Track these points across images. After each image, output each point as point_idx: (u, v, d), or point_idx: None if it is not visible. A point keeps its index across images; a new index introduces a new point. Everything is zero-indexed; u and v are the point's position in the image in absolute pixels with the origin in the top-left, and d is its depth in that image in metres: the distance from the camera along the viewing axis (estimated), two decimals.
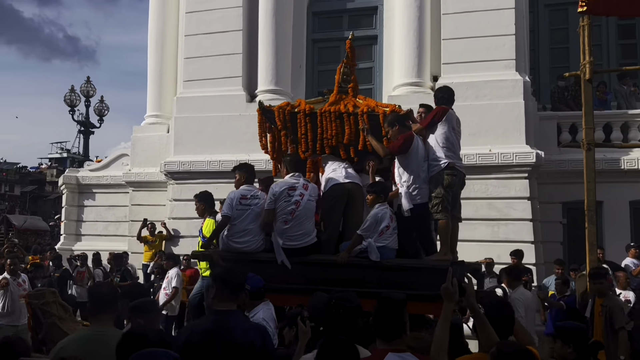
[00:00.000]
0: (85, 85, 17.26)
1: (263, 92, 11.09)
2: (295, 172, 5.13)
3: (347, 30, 11.64)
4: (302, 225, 4.82)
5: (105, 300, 3.39)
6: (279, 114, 5.68)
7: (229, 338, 2.90)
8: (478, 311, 2.76)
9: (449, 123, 4.97)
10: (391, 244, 4.75)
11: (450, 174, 4.85)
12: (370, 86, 11.42)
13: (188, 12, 11.78)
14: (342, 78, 6.00)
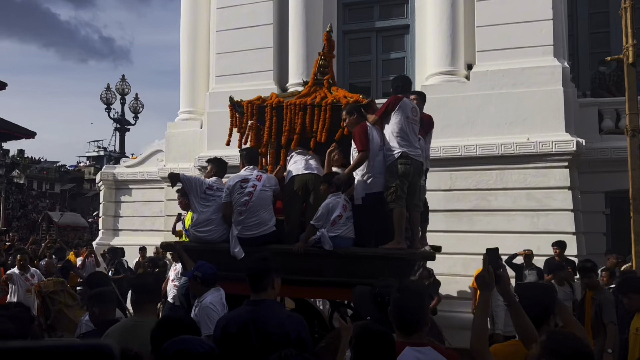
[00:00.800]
0: (121, 83, 17.60)
1: (294, 85, 11.06)
2: (250, 165, 5.27)
3: (378, 20, 11.53)
4: (257, 215, 4.93)
5: (149, 290, 3.44)
6: (247, 109, 5.77)
7: (264, 328, 2.90)
8: (513, 300, 2.64)
9: (402, 112, 4.92)
10: (345, 233, 4.79)
11: (404, 163, 4.83)
12: None
13: (219, 7, 11.83)
14: (319, 70, 6.02)
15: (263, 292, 3.12)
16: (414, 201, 5.06)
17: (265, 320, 2.93)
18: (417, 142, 5.05)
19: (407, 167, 4.85)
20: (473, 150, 9.58)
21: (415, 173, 4.97)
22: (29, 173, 58.35)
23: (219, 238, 5.14)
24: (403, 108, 4.96)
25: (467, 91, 9.95)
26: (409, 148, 4.89)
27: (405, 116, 4.95)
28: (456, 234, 9.57)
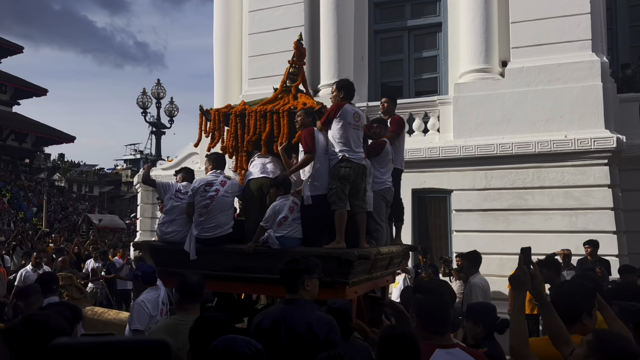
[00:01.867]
0: (156, 87, 17.97)
1: (326, 86, 11.10)
2: (217, 169, 5.51)
3: (410, 19, 11.45)
4: (215, 218, 5.20)
5: (192, 290, 3.47)
6: (214, 116, 6.05)
7: (294, 327, 2.95)
8: (545, 300, 2.58)
9: (344, 119, 5.13)
10: (291, 233, 5.02)
11: (344, 166, 5.07)
12: (435, 75, 11.16)
13: (251, 10, 11.96)
14: (289, 77, 6.25)
15: (295, 292, 3.17)
16: (357, 202, 5.24)
17: (295, 320, 2.97)
18: (359, 147, 5.27)
19: (348, 170, 5.07)
20: (509, 148, 9.42)
21: (357, 176, 5.17)
22: (69, 176, 60.19)
23: (182, 239, 5.37)
24: (344, 115, 5.16)
25: (501, 88, 9.79)
26: (349, 152, 5.12)
27: (347, 122, 5.16)
28: (492, 234, 9.43)
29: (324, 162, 5.18)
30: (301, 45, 6.29)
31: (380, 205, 5.82)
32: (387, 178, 5.90)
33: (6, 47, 46.33)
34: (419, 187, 10.09)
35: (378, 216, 5.79)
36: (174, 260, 5.29)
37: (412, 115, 10.58)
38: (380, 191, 5.80)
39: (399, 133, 6.29)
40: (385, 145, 5.86)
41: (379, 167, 5.84)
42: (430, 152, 9.91)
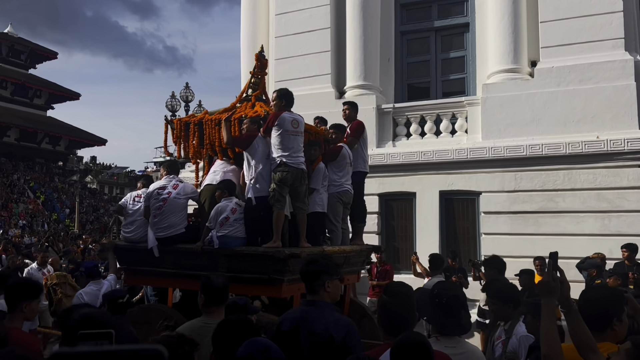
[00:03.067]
0: (185, 91, 18.22)
1: (352, 88, 11.10)
2: (170, 174, 5.86)
3: (437, 20, 11.36)
4: (168, 219, 5.54)
5: (217, 292, 3.48)
6: (177, 125, 6.41)
7: (312, 329, 2.94)
8: (572, 306, 2.51)
9: (282, 126, 5.40)
10: (233, 232, 5.30)
11: (282, 170, 5.33)
12: (463, 75, 11.04)
13: (277, 14, 12.04)
14: (251, 87, 6.57)
15: (315, 293, 3.15)
16: (297, 204, 5.51)
17: (313, 322, 2.97)
18: (298, 152, 5.52)
19: (285, 174, 5.33)
20: (538, 149, 9.25)
21: (296, 179, 5.42)
22: (100, 178, 61.50)
23: (141, 238, 5.77)
24: (282, 123, 5.42)
25: (531, 89, 9.63)
26: (287, 157, 5.38)
27: (285, 129, 5.42)
28: (521, 237, 9.27)
29: (266, 166, 5.48)
30: (263, 57, 6.65)
31: (336, 207, 6.12)
32: (345, 181, 6.17)
33: (41, 53, 47.69)
34: (447, 189, 9.99)
35: (334, 217, 6.11)
36: (134, 258, 5.73)
37: (440, 117, 10.50)
38: (337, 193, 6.11)
39: (358, 137, 6.56)
40: (341, 150, 6.15)
41: (336, 171, 6.14)
42: (458, 154, 9.81)
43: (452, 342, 2.64)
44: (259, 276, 5.04)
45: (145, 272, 5.62)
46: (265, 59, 6.71)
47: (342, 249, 6.03)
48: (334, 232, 6.14)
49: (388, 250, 10.40)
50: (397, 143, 10.63)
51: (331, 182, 6.10)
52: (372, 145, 10.58)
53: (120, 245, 5.98)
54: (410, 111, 10.71)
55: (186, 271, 5.34)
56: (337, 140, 6.33)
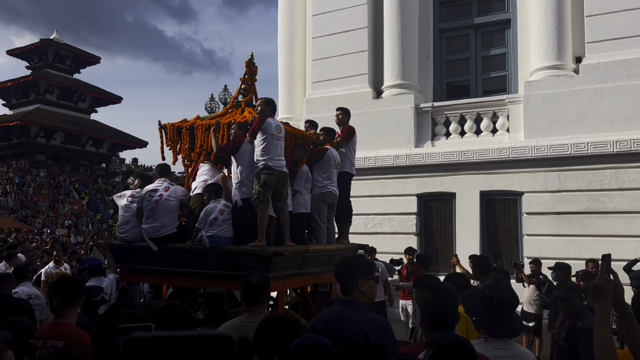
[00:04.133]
0: (223, 93, 18.49)
1: (389, 87, 11.01)
2: (162, 178, 6.09)
3: (476, 17, 11.15)
4: (159, 220, 5.78)
5: (253, 291, 3.48)
6: (170, 130, 6.63)
7: (345, 329, 2.92)
8: (627, 310, 2.38)
9: (266, 131, 5.61)
10: (221, 232, 5.52)
11: (266, 173, 5.52)
12: (504, 73, 10.80)
13: (314, 14, 12.06)
14: (241, 93, 6.80)
15: (349, 293, 3.11)
16: (279, 205, 5.72)
17: (347, 321, 2.95)
18: (281, 156, 5.72)
19: (269, 177, 5.53)
20: (584, 148, 8.95)
21: (279, 181, 5.63)
22: None
23: (135, 238, 5.97)
24: (266, 128, 5.63)
25: (576, 85, 9.33)
26: (271, 161, 5.58)
27: (270, 134, 5.64)
28: (565, 238, 8.99)
29: (251, 169, 5.71)
30: (252, 64, 6.86)
31: (320, 207, 6.35)
32: (329, 183, 6.36)
33: (84, 58, 49.26)
34: (488, 189, 9.79)
35: (319, 217, 6.34)
36: (129, 256, 6.00)
37: (480, 115, 10.29)
38: (321, 194, 6.33)
39: (347, 139, 6.83)
40: (326, 152, 6.35)
41: (321, 172, 6.36)
42: (500, 153, 9.59)
43: (501, 343, 2.56)
44: (245, 273, 5.23)
45: (139, 270, 5.88)
46: (255, 66, 6.91)
47: (327, 247, 6.22)
48: (319, 232, 6.38)
49: (427, 251, 10.27)
50: (436, 142, 10.48)
51: (315, 183, 6.34)
52: (410, 145, 10.47)
53: (116, 245, 6.24)
54: (449, 110, 10.54)
55: (178, 269, 5.60)
56: (325, 142, 6.55)
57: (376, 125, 10.82)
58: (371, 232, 10.46)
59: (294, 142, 6.37)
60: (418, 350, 2.52)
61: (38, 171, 40.03)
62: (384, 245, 9.89)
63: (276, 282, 5.23)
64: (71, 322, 3.41)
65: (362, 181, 10.76)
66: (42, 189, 36.92)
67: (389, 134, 10.66)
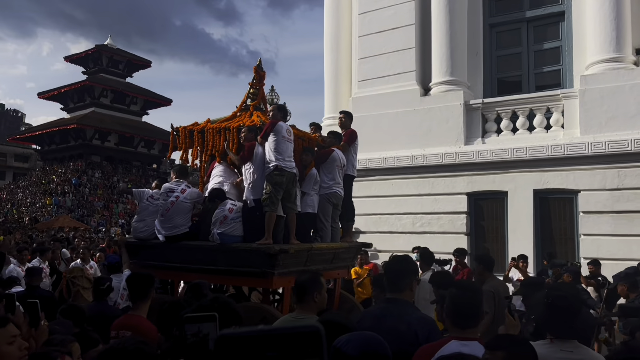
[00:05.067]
0: (270, 94, 18.62)
1: (437, 84, 10.83)
2: (179, 179, 6.38)
3: (528, 10, 10.82)
4: (173, 220, 6.08)
5: (300, 289, 3.50)
6: (181, 133, 6.95)
7: (394, 325, 2.94)
8: None
9: (278, 134, 5.84)
10: (231, 231, 5.77)
11: (277, 174, 5.74)
12: (558, 67, 10.43)
13: (361, 13, 12.00)
14: (250, 97, 7.04)
15: (400, 292, 3.12)
16: (289, 205, 5.95)
17: (397, 318, 2.98)
18: (291, 157, 5.97)
19: (280, 177, 5.74)
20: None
21: (289, 182, 5.86)
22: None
23: (149, 235, 6.30)
24: (278, 130, 5.87)
25: (636, 79, 8.90)
26: (282, 162, 5.79)
27: (282, 136, 5.87)
28: (626, 238, 8.59)
29: (263, 171, 5.94)
30: (261, 69, 7.12)
31: (326, 207, 6.62)
32: (334, 184, 6.60)
33: (136, 62, 50.91)
34: (542, 187, 9.47)
35: (324, 217, 6.62)
36: (143, 253, 6.31)
37: (533, 111, 9.97)
38: (326, 195, 6.59)
39: (350, 143, 7.04)
40: (332, 154, 6.61)
41: (327, 173, 6.61)
42: (554, 150, 9.26)
43: (569, 346, 2.45)
44: (253, 270, 5.52)
45: (152, 265, 6.13)
46: (263, 71, 7.18)
47: (331, 245, 6.52)
48: (324, 230, 6.65)
49: (478, 252, 10.04)
50: (487, 140, 10.22)
51: (321, 183, 6.60)
52: (459, 142, 10.26)
53: (131, 242, 6.59)
54: (500, 106, 10.26)
55: (189, 265, 5.86)
56: (331, 144, 6.85)
57: (424, 123, 10.67)
58: (419, 231, 10.32)
59: (301, 145, 6.68)
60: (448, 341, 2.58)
61: (93, 172, 41.65)
62: (432, 245, 9.70)
63: (282, 279, 5.55)
64: (142, 315, 3.69)
65: (410, 180, 10.65)
66: (97, 189, 38.36)
67: (437, 131, 10.48)
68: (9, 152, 55.63)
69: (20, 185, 42.31)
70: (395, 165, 10.78)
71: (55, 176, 40.67)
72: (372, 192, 10.99)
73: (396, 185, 10.83)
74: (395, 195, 10.75)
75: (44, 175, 42.55)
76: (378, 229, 10.80)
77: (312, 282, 3.60)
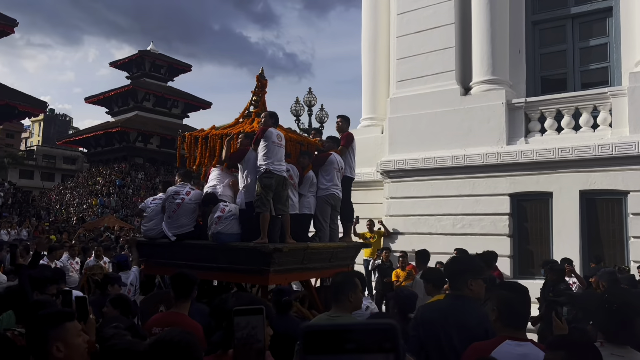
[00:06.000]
0: (308, 95, 18.71)
1: (478, 83, 10.65)
2: (183, 182, 6.82)
3: (573, 6, 10.53)
4: (179, 220, 6.50)
5: (335, 289, 3.55)
6: (188, 139, 7.39)
7: (463, 320, 2.99)
8: None
9: (268, 139, 6.15)
10: (227, 229, 6.11)
11: (267, 177, 6.05)
12: (605, 64, 10.09)
13: (399, 13, 11.91)
14: (252, 104, 7.41)
15: (458, 290, 3.19)
16: (279, 206, 6.21)
17: (465, 314, 3.02)
18: (281, 161, 6.25)
19: (270, 180, 6.05)
20: None
21: (279, 185, 6.14)
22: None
23: (157, 234, 6.67)
24: (268, 136, 6.18)
25: None
26: (271, 165, 6.09)
27: (271, 141, 6.17)
28: None
29: (256, 175, 6.23)
30: (263, 77, 7.44)
31: (324, 208, 6.91)
32: (332, 185, 6.88)
33: (177, 67, 52.08)
34: (588, 188, 9.17)
35: (322, 218, 6.92)
36: (152, 252, 6.74)
37: (579, 110, 9.67)
38: (325, 196, 6.88)
39: (347, 146, 7.32)
40: (329, 157, 6.92)
41: (325, 175, 6.90)
42: (601, 150, 8.95)
43: (620, 350, 2.38)
44: (250, 267, 5.85)
45: (160, 263, 6.63)
46: (265, 79, 7.48)
47: (328, 245, 6.83)
48: (322, 231, 6.98)
49: (521, 254, 9.81)
50: (530, 139, 9.97)
51: (319, 186, 6.91)
52: (501, 142, 10.06)
53: (141, 241, 7.04)
54: (544, 105, 10.00)
55: (193, 263, 6.16)
56: (329, 148, 7.16)
57: (464, 123, 10.51)
58: (460, 232, 10.16)
59: (299, 148, 7.01)
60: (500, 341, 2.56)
61: (137, 173, 42.82)
62: (474, 247, 9.55)
63: (278, 276, 5.88)
64: (184, 312, 3.82)
65: (450, 180, 10.50)
66: (141, 190, 39.40)
67: (478, 131, 10.30)
68: (58, 155, 57.90)
69: (69, 186, 43.89)
70: (435, 165, 10.65)
71: (101, 177, 42.02)
72: (411, 193, 10.90)
73: (436, 186, 10.70)
74: (435, 196, 10.62)
75: (90, 176, 44.02)
76: (417, 230, 10.70)
77: (347, 282, 3.68)
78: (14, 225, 20.19)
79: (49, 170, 55.85)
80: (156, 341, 2.14)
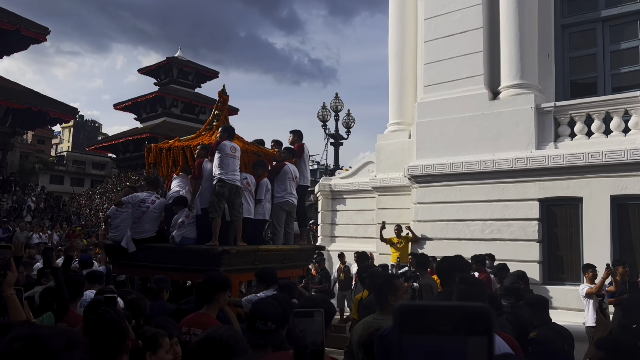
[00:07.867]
0: (334, 101, 18.87)
1: (507, 88, 10.61)
2: (150, 190, 7.49)
3: (604, 9, 10.42)
4: (143, 226, 7.15)
5: (377, 292, 3.60)
6: (153, 150, 7.93)
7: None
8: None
9: (222, 151, 6.75)
10: (187, 234, 6.80)
11: (220, 185, 6.65)
12: (636, 67, 9.98)
13: (426, 18, 11.94)
14: (215, 117, 7.98)
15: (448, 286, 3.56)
16: (233, 212, 6.81)
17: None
18: (235, 171, 6.80)
19: (222, 189, 6.64)
20: None
21: (231, 193, 6.74)
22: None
23: (122, 238, 7.19)
24: (221, 148, 6.78)
25: None
26: (225, 175, 6.67)
27: (225, 153, 6.75)
28: None
29: (210, 183, 6.80)
30: (224, 93, 8.01)
31: (279, 214, 7.65)
32: (286, 194, 7.60)
33: (204, 73, 52.79)
34: (619, 193, 9.05)
35: (277, 223, 7.65)
36: (119, 254, 7.30)
37: (609, 114, 9.56)
38: (279, 203, 7.63)
39: (299, 157, 8.07)
40: (283, 167, 7.63)
41: (279, 184, 7.63)
42: (633, 154, 8.83)
43: None
44: (202, 267, 6.20)
45: (126, 264, 7.27)
46: (227, 95, 8.04)
47: (280, 247, 7.55)
48: (276, 235, 7.71)
49: (550, 260, 9.71)
50: (560, 144, 9.89)
51: (275, 194, 7.60)
52: (530, 147, 9.99)
53: (108, 244, 7.63)
54: (574, 109, 9.90)
55: (153, 264, 6.77)
56: (285, 159, 7.81)
57: (493, 128, 10.47)
58: (489, 238, 10.11)
59: (256, 159, 7.63)
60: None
61: None
62: (503, 253, 9.53)
63: (230, 275, 6.25)
64: (212, 314, 3.91)
65: (479, 185, 10.46)
66: None
67: (507, 136, 10.25)
68: (87, 161, 59.16)
69: (98, 191, 44.78)
70: (463, 170, 10.62)
71: (129, 183, 42.77)
72: (439, 198, 10.89)
73: (464, 191, 10.67)
74: (463, 201, 10.59)
75: (118, 182, 44.86)
76: (445, 236, 10.68)
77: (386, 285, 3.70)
78: (45, 230, 20.74)
79: (79, 175, 57.08)
80: (205, 338, 2.25)
